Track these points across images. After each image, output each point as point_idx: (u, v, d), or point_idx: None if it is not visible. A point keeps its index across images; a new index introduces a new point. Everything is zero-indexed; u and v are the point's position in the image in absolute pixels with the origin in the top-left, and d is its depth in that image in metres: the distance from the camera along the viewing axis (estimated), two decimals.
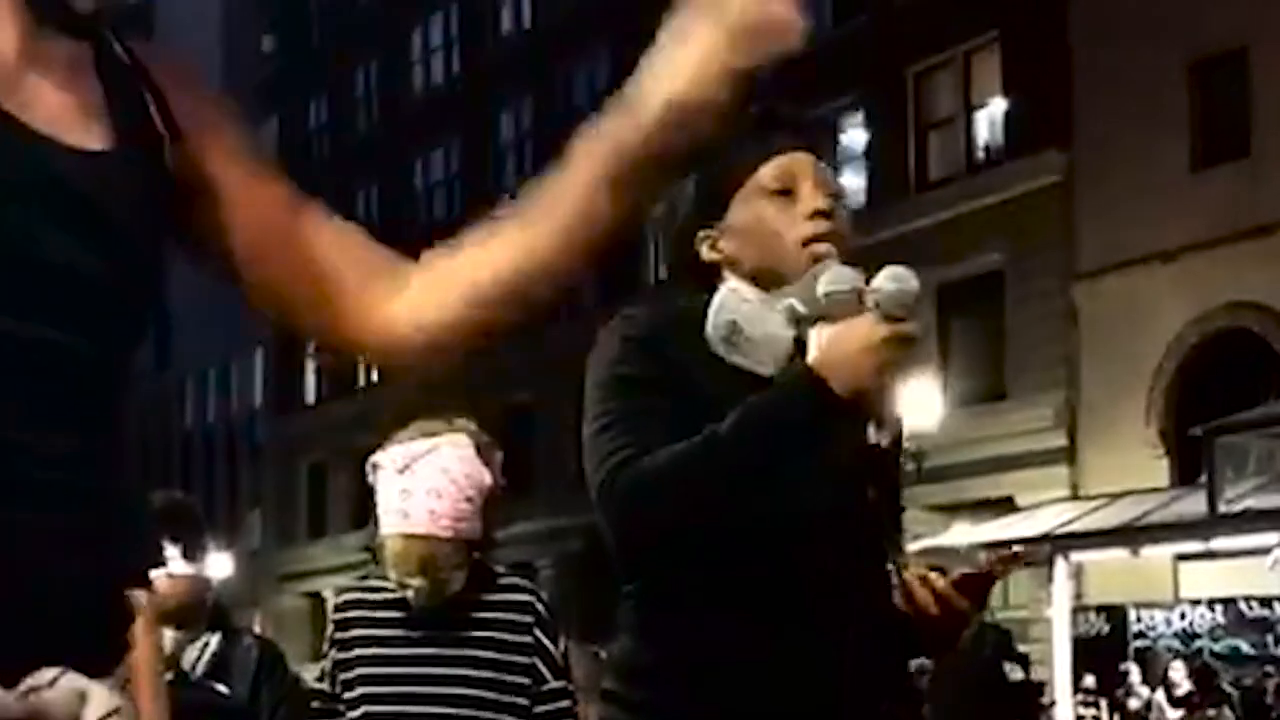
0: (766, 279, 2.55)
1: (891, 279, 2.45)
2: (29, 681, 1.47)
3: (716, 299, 2.53)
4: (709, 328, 2.51)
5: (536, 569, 33.41)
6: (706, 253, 2.63)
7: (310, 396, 44.69)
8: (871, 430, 2.48)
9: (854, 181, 28.65)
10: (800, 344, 2.47)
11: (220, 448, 50.13)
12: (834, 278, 2.46)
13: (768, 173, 2.60)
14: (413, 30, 41.24)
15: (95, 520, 1.55)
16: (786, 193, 2.58)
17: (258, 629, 44.70)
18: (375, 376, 41.94)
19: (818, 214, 2.56)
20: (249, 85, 46.05)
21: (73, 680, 1.49)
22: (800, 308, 2.47)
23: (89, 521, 1.54)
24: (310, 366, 44.87)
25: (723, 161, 2.60)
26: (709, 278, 2.62)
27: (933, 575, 2.52)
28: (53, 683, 1.48)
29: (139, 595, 3.51)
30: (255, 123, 43.93)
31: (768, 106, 2.66)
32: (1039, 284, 24.29)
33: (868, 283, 2.45)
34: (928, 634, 2.55)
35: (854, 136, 28.66)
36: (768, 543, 2.46)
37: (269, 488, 45.35)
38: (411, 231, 40.59)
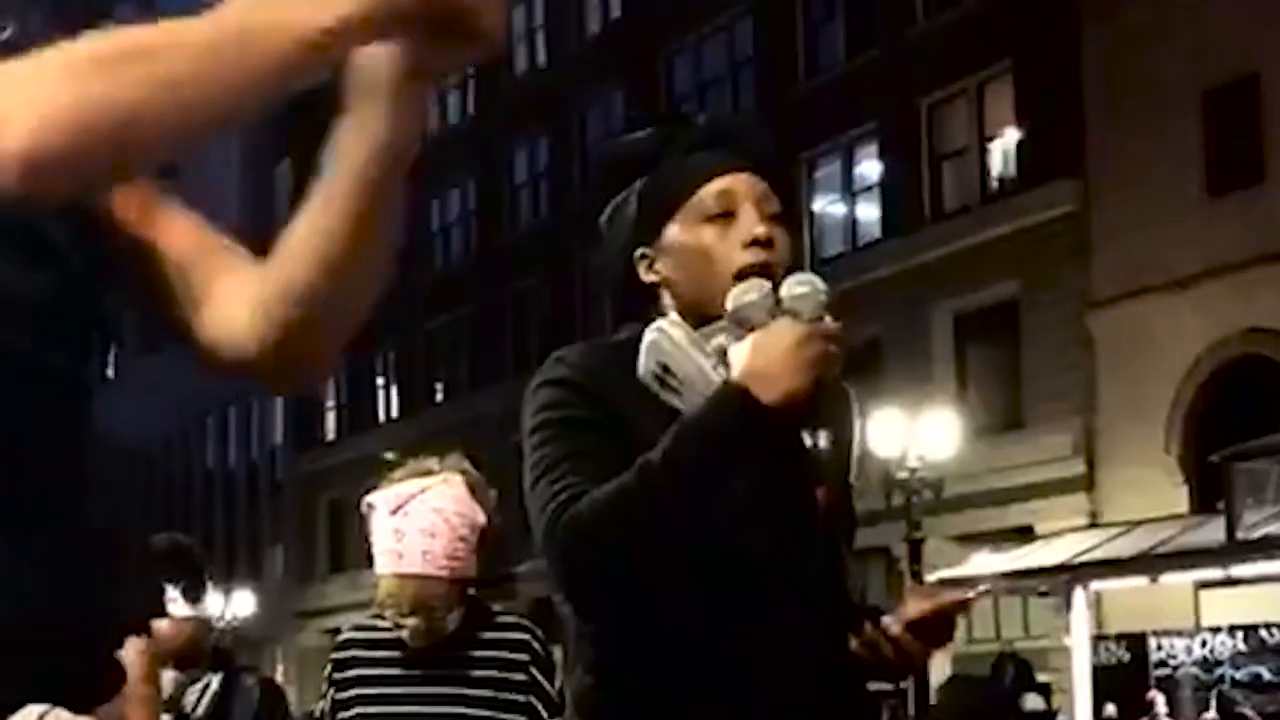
0: (699, 306, 2.48)
1: (798, 283, 2.40)
2: (15, 718, 1.48)
3: (646, 338, 2.46)
4: (640, 368, 2.44)
5: (556, 605, 33.46)
6: (644, 273, 2.55)
7: (330, 434, 44.76)
8: (807, 436, 2.42)
9: (869, 212, 28.70)
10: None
11: (241, 486, 50.21)
12: (742, 290, 2.41)
13: (708, 194, 2.51)
14: None
15: (80, 544, 1.55)
16: (727, 215, 2.50)
17: (279, 665, 44.77)
18: (395, 413, 42.04)
19: (755, 242, 2.47)
20: (262, 130, 46.28)
21: (58, 716, 1.49)
22: (729, 345, 2.41)
23: (73, 542, 1.54)
24: (330, 402, 44.99)
25: (664, 178, 2.54)
26: (647, 298, 2.56)
27: (885, 622, 2.48)
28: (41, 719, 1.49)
29: (136, 638, 3.55)
30: (269, 166, 44.14)
31: (716, 120, 2.60)
32: (1055, 313, 24.27)
33: (776, 291, 2.40)
34: (885, 669, 2.54)
35: (868, 168, 28.70)
36: (712, 582, 2.42)
37: (289, 525, 45.39)
38: (428, 270, 40.75)
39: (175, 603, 4.04)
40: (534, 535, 2.43)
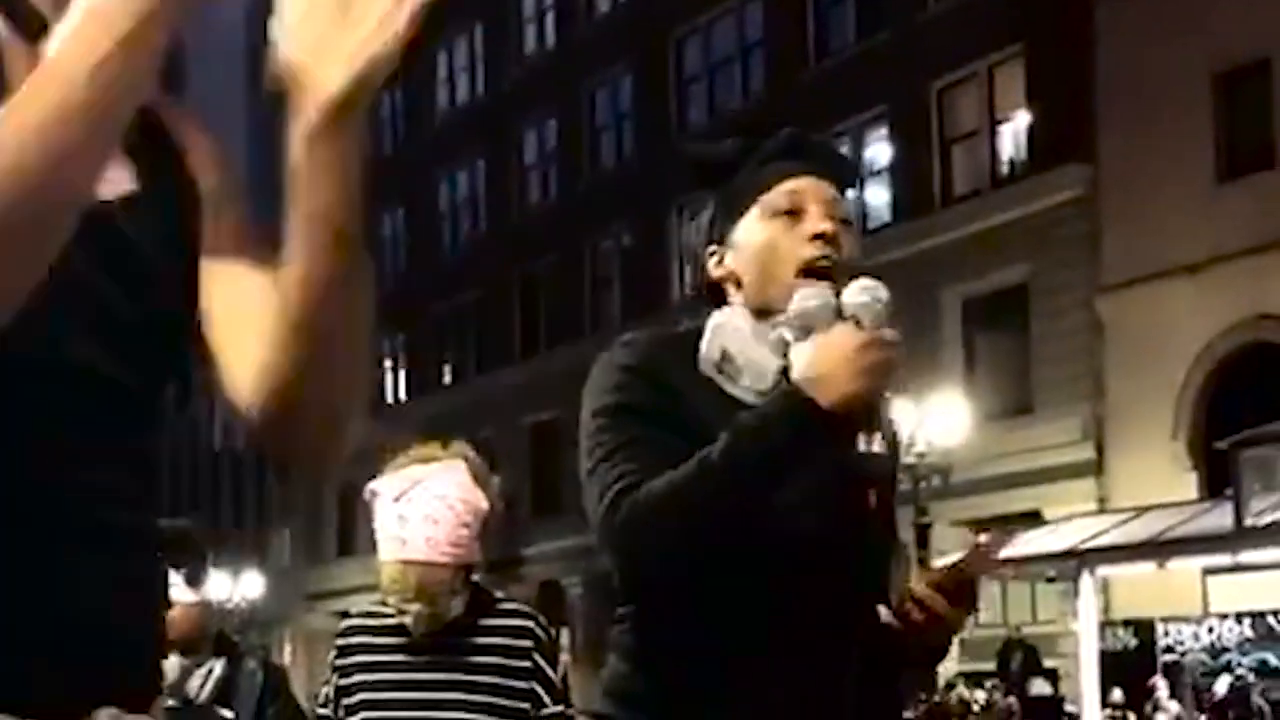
0: (763, 299, 2.57)
1: (862, 290, 2.48)
2: None
3: (710, 325, 2.54)
4: (702, 354, 2.51)
5: (564, 588, 33.49)
6: (713, 269, 2.66)
7: None
8: (862, 440, 2.45)
9: (879, 196, 28.68)
10: (788, 372, 2.49)
11: (250, 469, 50.31)
12: (805, 295, 2.49)
13: (778, 192, 2.61)
14: (437, 51, 41.38)
15: (140, 559, 1.57)
16: (794, 214, 2.60)
17: (288, 647, 44.90)
18: (403, 396, 42.08)
19: (819, 237, 2.56)
20: (272, 107, 46.28)
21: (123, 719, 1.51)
22: (789, 337, 2.49)
23: (135, 561, 1.56)
24: None
25: (741, 180, 2.65)
26: (717, 294, 2.65)
27: (912, 585, 2.53)
28: None
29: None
30: (280, 143, 44.13)
31: (796, 133, 2.70)
32: (1064, 298, 24.25)
33: (839, 297, 2.47)
34: (915, 644, 2.56)
35: (878, 151, 28.67)
36: (762, 571, 2.46)
37: (298, 507, 45.48)
38: (437, 251, 40.76)
39: (177, 588, 4.04)
40: (590, 517, 2.47)
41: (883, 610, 2.54)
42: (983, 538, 2.61)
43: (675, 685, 2.51)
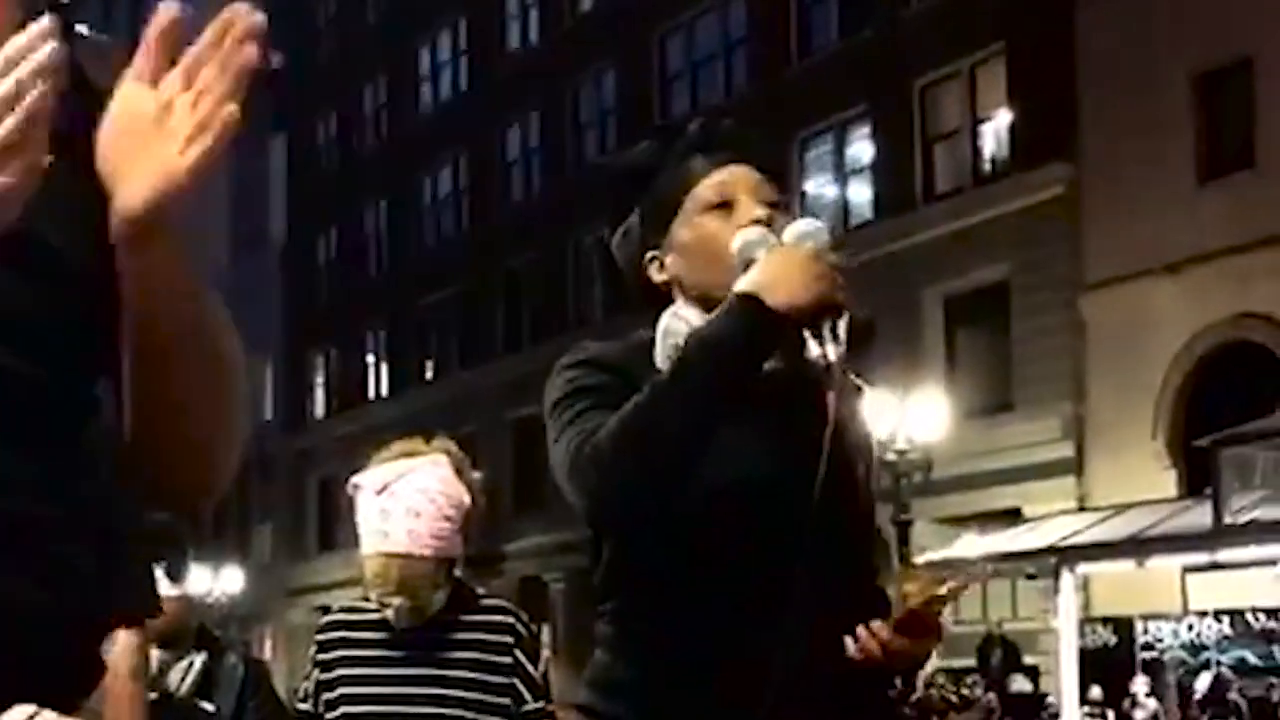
0: (708, 294, 2.55)
1: (802, 223, 2.51)
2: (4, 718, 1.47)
3: (661, 325, 2.55)
4: (656, 353, 2.52)
5: (546, 583, 33.49)
6: (655, 274, 2.66)
7: (320, 411, 44.79)
8: (814, 346, 2.43)
9: (861, 194, 28.70)
10: None
11: None
12: (746, 233, 2.52)
13: (705, 187, 2.61)
14: (420, 47, 41.33)
15: (61, 553, 1.54)
16: (725, 205, 2.59)
17: (269, 642, 44.81)
18: (385, 391, 42.03)
19: (755, 223, 2.55)
20: (256, 101, 46.09)
21: (45, 718, 1.48)
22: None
23: (55, 554, 1.53)
24: (320, 381, 44.98)
25: (665, 182, 2.63)
26: (661, 300, 2.64)
27: (875, 625, 2.49)
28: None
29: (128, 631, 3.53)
30: (264, 140, 44.09)
31: (707, 123, 2.69)
32: (1045, 296, 24.29)
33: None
34: (881, 673, 2.55)
35: (860, 149, 28.69)
36: (738, 551, 2.46)
37: (279, 502, 45.40)
38: (419, 248, 40.71)
39: (159, 583, 4.03)
40: (563, 485, 2.46)
41: (849, 644, 2.50)
42: (949, 584, 2.57)
43: (654, 673, 2.52)
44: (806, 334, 2.43)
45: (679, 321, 2.53)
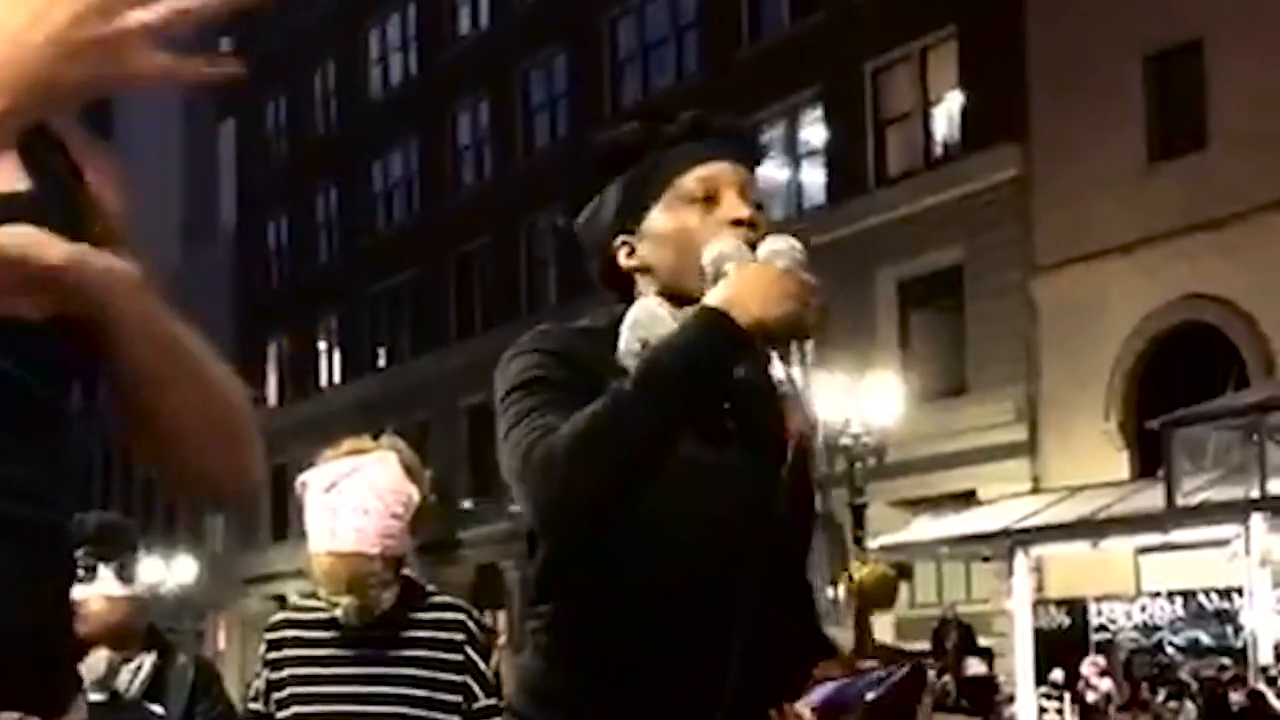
0: (679, 287, 2.49)
1: (775, 240, 2.44)
2: None
3: (630, 315, 2.46)
4: (621, 344, 2.43)
5: (501, 570, 33.45)
6: (623, 259, 2.58)
7: (272, 398, 44.61)
8: (779, 368, 2.37)
9: (813, 177, 28.72)
10: None
11: None
12: (722, 242, 2.45)
13: (690, 178, 2.54)
14: (370, 31, 41.18)
15: (38, 556, 1.52)
16: (709, 199, 2.54)
17: (222, 632, 44.65)
18: (337, 378, 41.91)
19: (737, 223, 2.50)
20: (202, 89, 45.88)
21: None
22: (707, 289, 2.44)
23: (32, 557, 1.51)
24: (272, 368, 44.79)
25: (649, 167, 2.56)
26: (624, 286, 2.58)
27: (796, 706, 2.44)
28: None
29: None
30: (213, 125, 43.89)
31: (700, 115, 2.62)
32: (998, 278, 24.37)
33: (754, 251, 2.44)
34: None
35: (812, 132, 28.71)
36: (686, 571, 2.41)
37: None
38: (371, 234, 40.57)
39: (107, 582, 3.98)
40: (511, 484, 2.39)
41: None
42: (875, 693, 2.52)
43: (591, 685, 2.48)
44: (774, 354, 2.37)
45: (650, 316, 2.45)
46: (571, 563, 2.48)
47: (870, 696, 2.47)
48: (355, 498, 3.58)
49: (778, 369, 2.37)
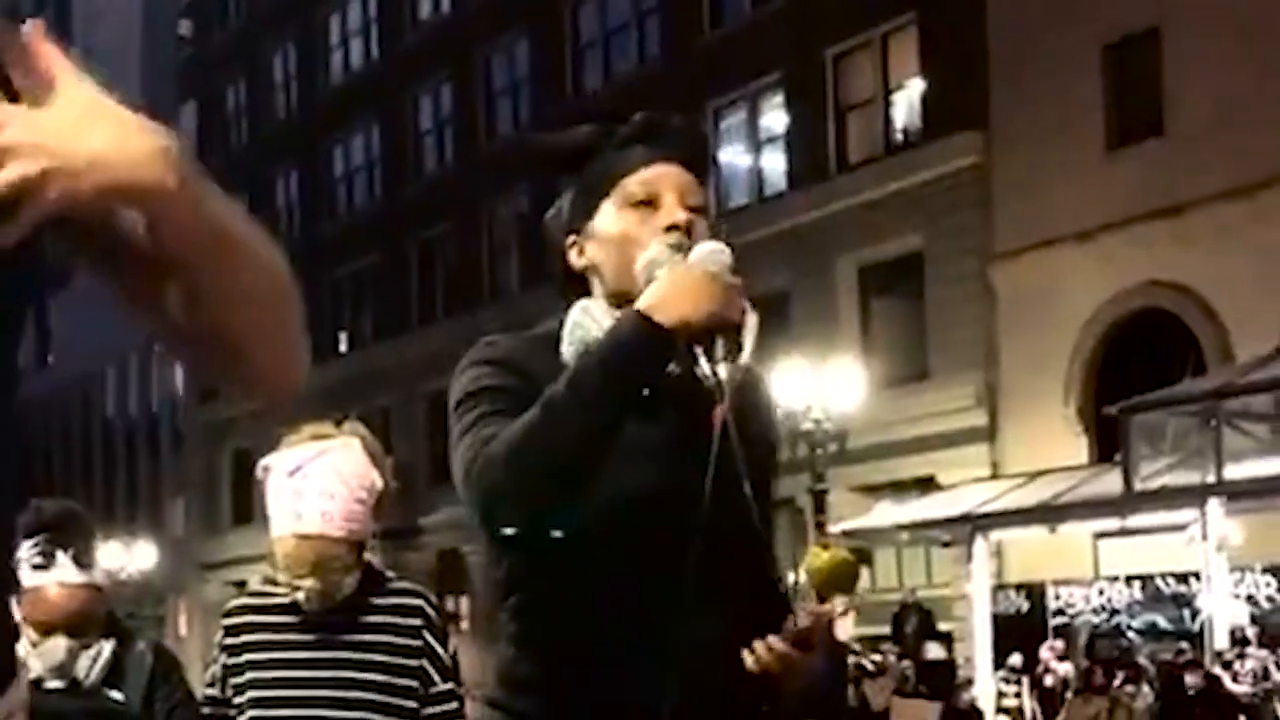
0: (621, 290, 2.57)
1: (705, 246, 2.51)
2: None
3: (569, 319, 2.55)
4: (564, 348, 2.53)
5: (464, 555, 33.42)
6: (574, 259, 2.66)
7: None
8: (704, 365, 2.45)
9: (774, 163, 28.75)
10: None
11: (142, 436, 49.78)
12: (654, 247, 2.53)
13: (633, 181, 2.61)
14: (330, 15, 41.00)
15: None
16: (649, 203, 2.59)
17: (183, 617, 44.49)
18: None
19: (673, 228, 2.56)
20: (166, 69, 45.68)
21: None
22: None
23: None
24: None
25: (597, 168, 2.63)
26: (577, 284, 2.65)
27: (772, 639, 2.50)
28: None
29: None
30: (173, 107, 43.63)
31: (651, 117, 2.68)
32: (958, 265, 24.45)
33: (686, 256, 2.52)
34: (777, 691, 2.55)
35: (774, 118, 28.73)
36: (629, 557, 2.48)
37: (192, 476, 45.08)
38: (331, 217, 40.44)
39: (65, 569, 3.97)
40: (458, 490, 2.48)
41: (748, 660, 2.50)
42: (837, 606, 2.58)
43: (558, 670, 2.54)
44: (698, 351, 2.45)
45: (587, 318, 2.54)
46: (527, 561, 2.56)
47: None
48: (321, 482, 3.59)
49: (703, 365, 2.45)
